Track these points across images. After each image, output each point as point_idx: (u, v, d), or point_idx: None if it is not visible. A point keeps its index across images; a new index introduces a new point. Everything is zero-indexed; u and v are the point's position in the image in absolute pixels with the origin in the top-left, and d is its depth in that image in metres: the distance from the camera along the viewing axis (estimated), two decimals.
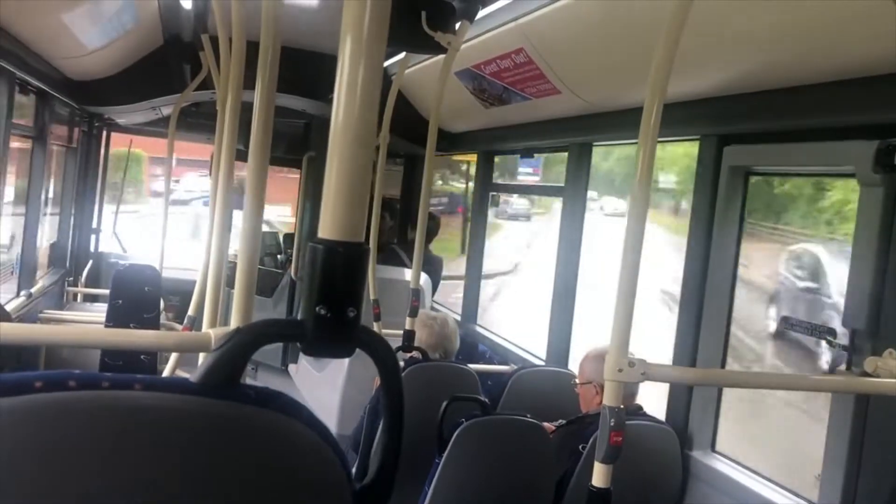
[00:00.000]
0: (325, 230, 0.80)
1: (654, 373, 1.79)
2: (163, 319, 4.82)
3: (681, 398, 3.04)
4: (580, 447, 2.73)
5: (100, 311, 4.85)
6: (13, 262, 4.82)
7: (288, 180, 8.45)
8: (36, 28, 3.47)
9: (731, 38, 2.49)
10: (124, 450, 0.71)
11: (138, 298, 4.44)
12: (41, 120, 4.77)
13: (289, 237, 7.80)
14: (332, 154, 0.80)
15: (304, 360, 6.04)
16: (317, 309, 0.78)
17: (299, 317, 0.79)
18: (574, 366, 3.61)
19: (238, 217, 1.82)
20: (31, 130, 4.72)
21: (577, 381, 3.16)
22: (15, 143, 4.32)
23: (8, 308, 3.89)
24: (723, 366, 3.03)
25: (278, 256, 8.02)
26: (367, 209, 0.83)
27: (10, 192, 4.58)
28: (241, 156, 1.90)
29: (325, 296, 0.79)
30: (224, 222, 2.40)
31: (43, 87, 4.29)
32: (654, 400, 3.13)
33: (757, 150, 2.85)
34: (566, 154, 4.16)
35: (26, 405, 0.68)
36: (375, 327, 4.37)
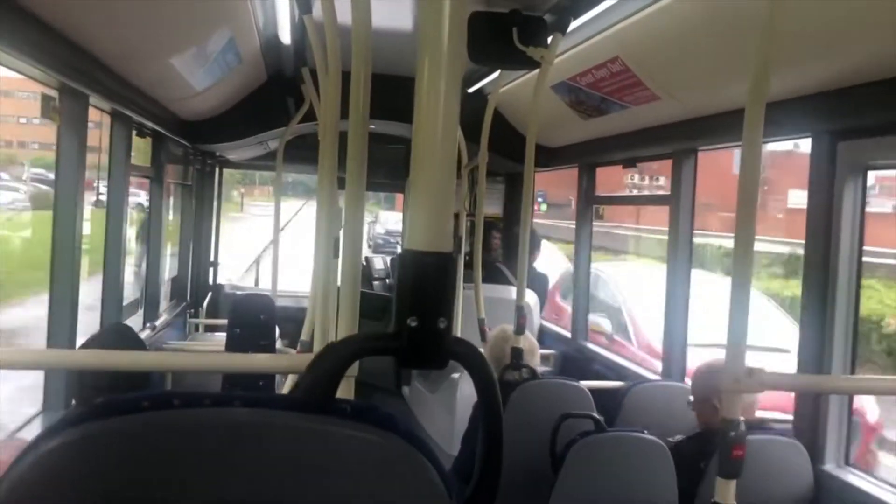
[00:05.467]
0: (412, 241, 0.80)
1: (774, 382, 1.70)
2: (279, 346, 4.96)
3: (808, 408, 2.88)
4: (701, 465, 2.62)
5: (220, 342, 5.04)
6: (137, 297, 5.07)
7: None
8: (148, 73, 3.67)
9: (840, 25, 2.36)
10: (226, 464, 0.74)
11: (255, 326, 4.61)
12: (158, 160, 5.02)
13: (396, 261, 7.92)
14: (414, 168, 0.80)
15: (416, 382, 6.07)
16: (408, 321, 0.79)
17: (392, 329, 0.80)
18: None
19: None
20: (148, 171, 4.97)
21: (691, 397, 3.05)
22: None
23: None
24: (853, 371, 2.85)
25: (386, 280, 8.15)
26: (455, 223, 0.84)
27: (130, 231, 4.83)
28: (343, 184, 1.94)
29: (415, 306, 0.79)
30: (328, 249, 2.45)
31: (158, 128, 4.51)
32: None
33: (876, 144, 2.69)
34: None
35: (136, 423, 0.73)
36: (483, 348, 4.36)
